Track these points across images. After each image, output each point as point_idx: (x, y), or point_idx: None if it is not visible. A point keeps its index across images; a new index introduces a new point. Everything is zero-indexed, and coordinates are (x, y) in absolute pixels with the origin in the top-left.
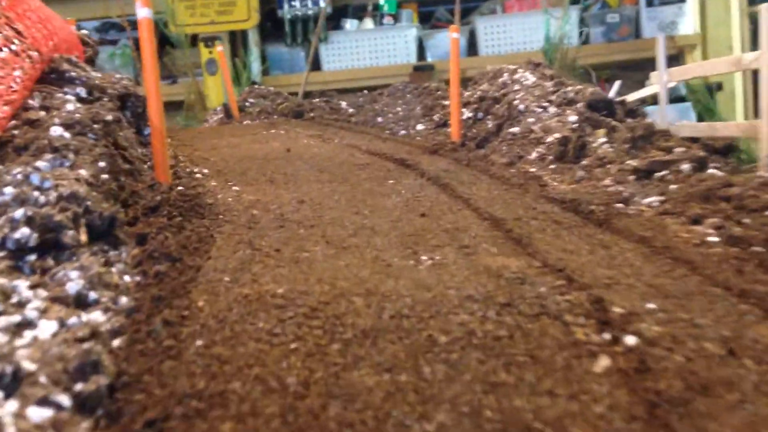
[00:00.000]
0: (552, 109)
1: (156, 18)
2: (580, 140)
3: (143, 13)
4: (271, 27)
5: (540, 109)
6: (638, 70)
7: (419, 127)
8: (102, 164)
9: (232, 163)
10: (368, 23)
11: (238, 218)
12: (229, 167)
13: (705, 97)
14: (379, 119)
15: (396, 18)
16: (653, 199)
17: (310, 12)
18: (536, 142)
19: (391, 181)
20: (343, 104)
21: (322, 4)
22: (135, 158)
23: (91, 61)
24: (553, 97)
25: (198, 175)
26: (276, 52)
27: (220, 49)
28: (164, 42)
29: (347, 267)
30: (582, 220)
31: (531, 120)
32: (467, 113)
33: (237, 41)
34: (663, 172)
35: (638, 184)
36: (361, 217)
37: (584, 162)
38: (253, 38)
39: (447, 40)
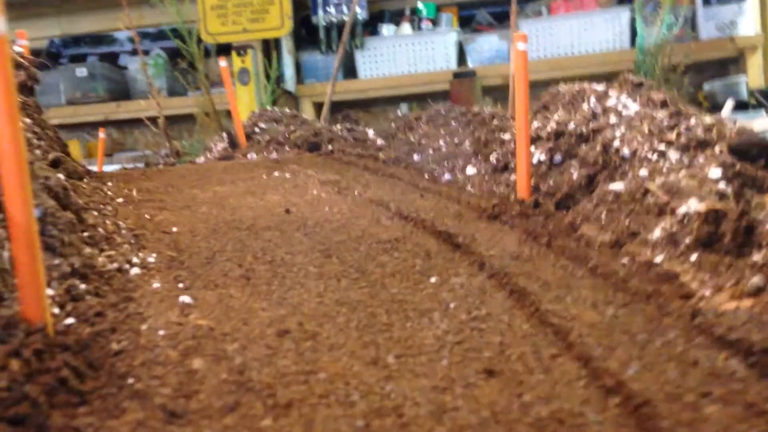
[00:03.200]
0: (673, 155)
1: (181, 28)
2: (743, 218)
3: None
4: (306, 34)
5: (655, 155)
6: (697, 72)
7: (470, 170)
8: None
9: (200, 239)
10: (406, 28)
11: (157, 387)
12: (194, 247)
13: None
14: (416, 156)
15: (435, 22)
16: None
17: (345, 18)
18: (658, 212)
19: (433, 280)
20: (371, 133)
21: (357, 9)
22: None
23: (27, 89)
24: (672, 136)
25: (133, 272)
26: (311, 60)
27: (224, 64)
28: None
29: None
30: None
31: (643, 173)
32: (538, 155)
33: (270, 49)
34: None
35: None
36: (379, 376)
37: (755, 257)
38: (287, 46)
39: (490, 45)
